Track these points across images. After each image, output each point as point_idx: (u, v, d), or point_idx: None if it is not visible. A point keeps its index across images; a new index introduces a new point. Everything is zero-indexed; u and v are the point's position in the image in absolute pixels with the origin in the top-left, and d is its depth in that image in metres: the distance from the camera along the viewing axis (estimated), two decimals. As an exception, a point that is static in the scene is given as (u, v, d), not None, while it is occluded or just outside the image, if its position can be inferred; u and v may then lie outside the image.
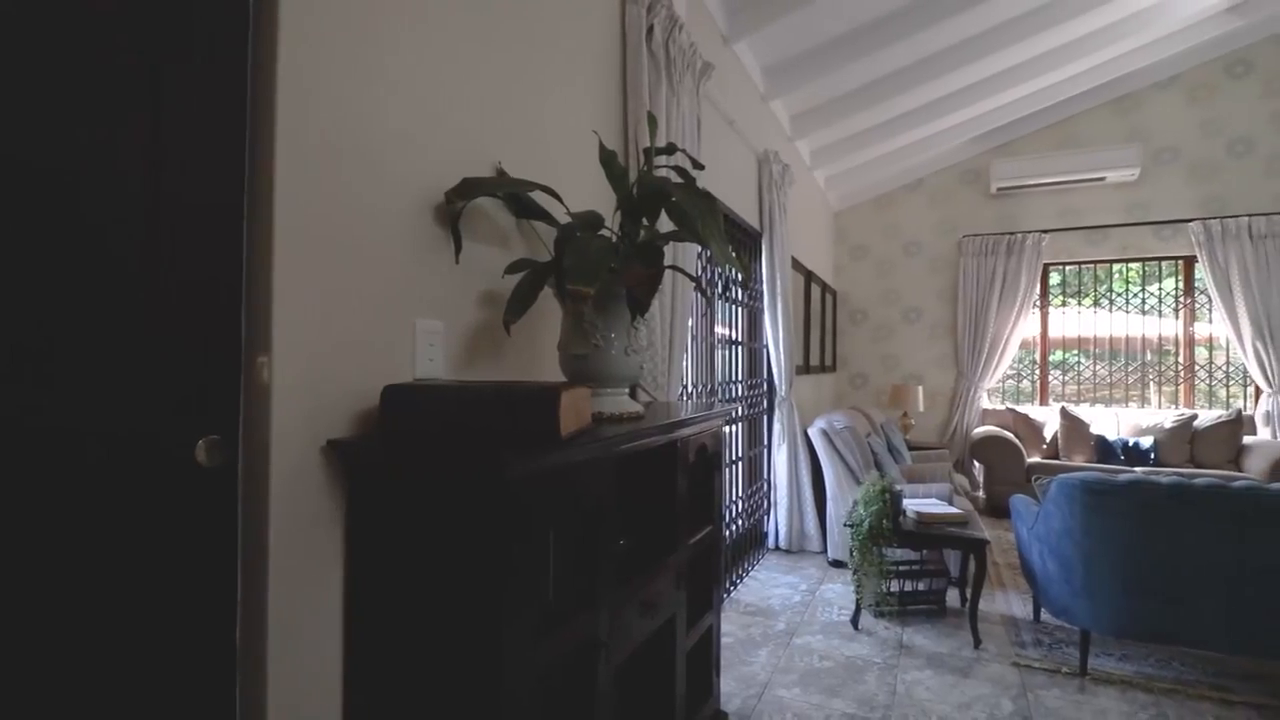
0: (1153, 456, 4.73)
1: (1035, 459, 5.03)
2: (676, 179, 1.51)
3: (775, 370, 3.94)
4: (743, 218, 3.55)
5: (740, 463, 3.72)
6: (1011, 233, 5.60)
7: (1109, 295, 5.66)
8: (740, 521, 3.67)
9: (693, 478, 1.74)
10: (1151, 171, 5.23)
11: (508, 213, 1.59)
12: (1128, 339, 5.55)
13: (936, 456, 4.88)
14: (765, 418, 4.09)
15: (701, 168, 1.70)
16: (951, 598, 3.15)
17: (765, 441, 4.09)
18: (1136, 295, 5.58)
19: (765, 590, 3.39)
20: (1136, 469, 4.49)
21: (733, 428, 3.62)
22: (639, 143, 2.11)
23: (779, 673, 2.48)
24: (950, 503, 3.20)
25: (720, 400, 3.36)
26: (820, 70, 3.70)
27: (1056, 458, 5.05)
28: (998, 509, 4.72)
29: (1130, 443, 4.84)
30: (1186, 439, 4.73)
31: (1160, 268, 5.47)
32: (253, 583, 1.01)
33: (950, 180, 5.94)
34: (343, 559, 1.12)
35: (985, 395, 5.73)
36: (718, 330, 3.42)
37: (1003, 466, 4.92)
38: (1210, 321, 5.26)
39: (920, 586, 3.07)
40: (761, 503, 4.08)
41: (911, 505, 3.03)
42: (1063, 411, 5.08)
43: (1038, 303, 5.74)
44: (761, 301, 3.92)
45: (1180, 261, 5.35)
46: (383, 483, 1.09)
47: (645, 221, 1.50)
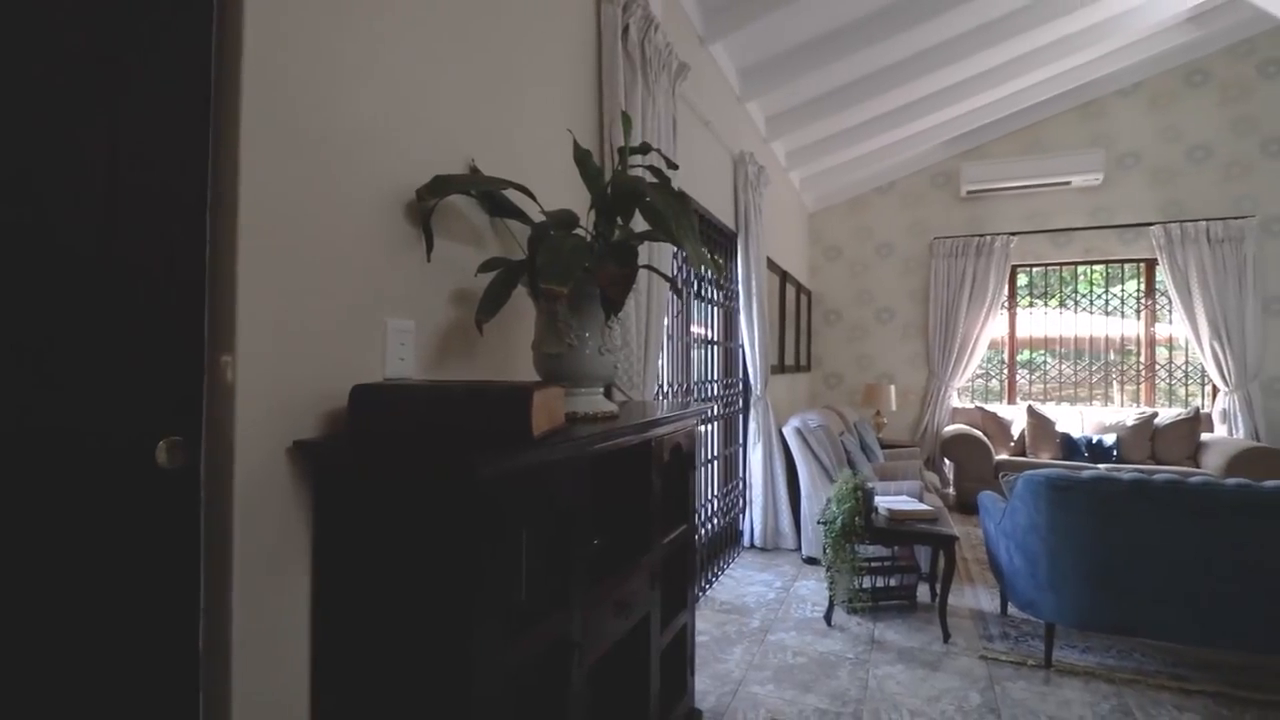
0: (1115, 453, 4.87)
1: (1003, 456, 5.14)
2: (652, 179, 1.51)
3: (751, 369, 3.97)
4: (719, 218, 3.57)
5: (716, 461, 3.73)
6: (981, 235, 5.71)
7: (1074, 296, 5.81)
8: (716, 520, 3.69)
9: (667, 477, 1.75)
10: (1115, 176, 5.38)
11: (481, 211, 1.57)
12: (1092, 339, 5.70)
13: (908, 454, 4.96)
14: (741, 417, 4.12)
15: (675, 167, 1.71)
16: (922, 593, 3.21)
17: (741, 440, 4.12)
18: (1100, 297, 5.74)
19: (740, 588, 3.41)
20: (1100, 465, 4.61)
21: (708, 427, 3.64)
22: (614, 142, 2.10)
23: (753, 670, 2.50)
24: (921, 500, 3.26)
25: (696, 399, 3.37)
26: (795, 73, 3.74)
27: (1024, 455, 5.16)
28: (967, 505, 4.81)
29: (1094, 440, 4.97)
30: (1147, 436, 4.88)
31: (1123, 270, 5.63)
32: (216, 586, 0.99)
33: (922, 183, 6.04)
34: (310, 562, 1.10)
35: (955, 394, 5.84)
36: (694, 330, 3.43)
37: (972, 464, 5.01)
38: (1170, 322, 5.42)
39: (892, 582, 3.12)
40: (737, 501, 4.11)
41: (883, 502, 3.07)
42: (1030, 410, 5.20)
43: (1006, 304, 5.87)
44: (737, 301, 3.94)
45: (1142, 264, 5.51)
46: (351, 484, 1.07)
47: (620, 221, 1.50)
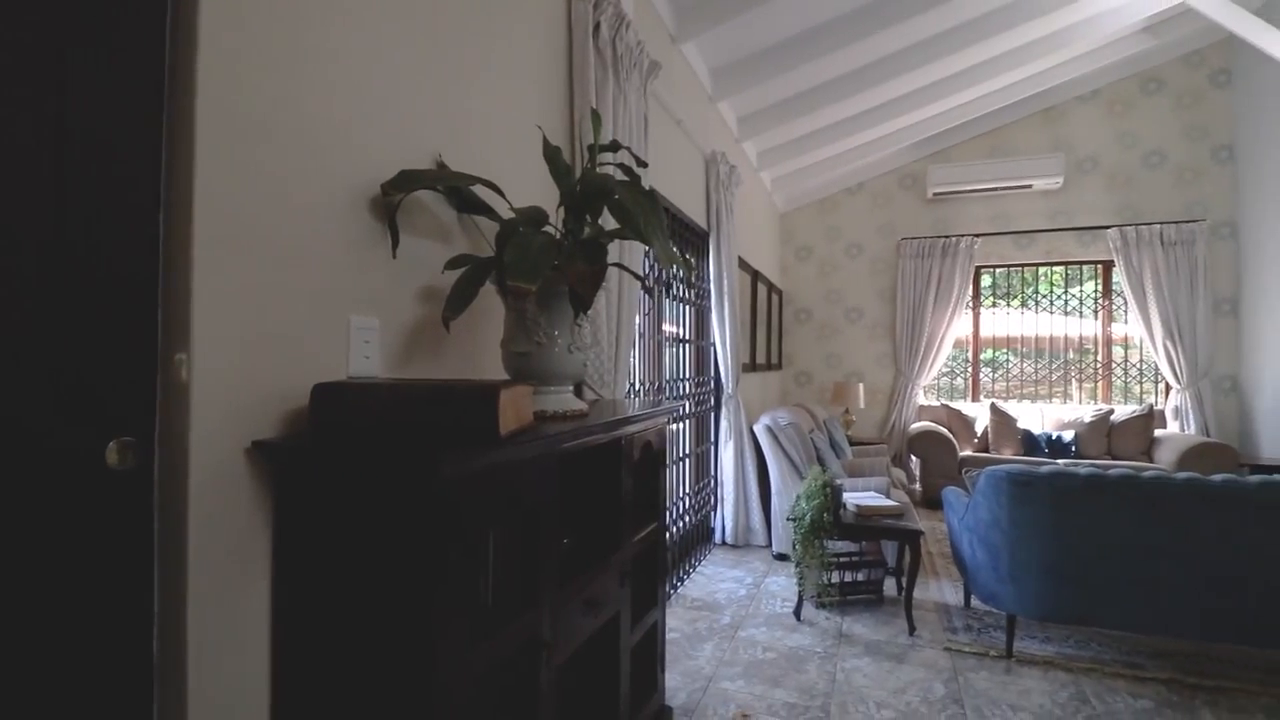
0: (1073, 449, 5.02)
1: (967, 452, 5.26)
2: (622, 177, 1.51)
3: (722, 368, 4.00)
4: (691, 217, 3.58)
5: (688, 459, 3.75)
6: (946, 236, 5.83)
7: (1035, 297, 5.97)
8: (688, 517, 3.70)
9: (638, 475, 1.75)
10: (1074, 180, 5.54)
11: (449, 207, 1.55)
12: (1052, 338, 5.87)
13: (876, 451, 5.06)
14: (713, 415, 4.14)
15: (645, 165, 1.71)
16: (889, 587, 3.26)
17: (712, 438, 4.14)
18: (1060, 297, 5.91)
19: (711, 585, 3.43)
20: (1059, 461, 4.75)
21: (681, 425, 3.65)
22: (584, 139, 2.09)
23: (724, 665, 2.52)
24: (888, 496, 3.32)
25: (668, 398, 3.38)
26: (767, 73, 3.77)
27: (987, 451, 5.29)
28: (933, 501, 4.90)
29: (1054, 436, 5.12)
30: (1104, 432, 5.04)
31: (1081, 271, 5.81)
32: (171, 590, 0.96)
33: (890, 184, 6.14)
34: (270, 564, 1.08)
35: (921, 392, 5.95)
36: (666, 328, 3.43)
37: (937, 460, 5.12)
38: (1126, 322, 5.61)
39: (859, 577, 3.17)
40: (709, 499, 4.13)
41: (851, 499, 3.12)
42: (993, 407, 5.33)
43: (970, 304, 6.00)
44: (709, 300, 3.96)
45: (1100, 266, 5.69)
46: (312, 485, 1.05)
47: (589, 218, 1.50)
